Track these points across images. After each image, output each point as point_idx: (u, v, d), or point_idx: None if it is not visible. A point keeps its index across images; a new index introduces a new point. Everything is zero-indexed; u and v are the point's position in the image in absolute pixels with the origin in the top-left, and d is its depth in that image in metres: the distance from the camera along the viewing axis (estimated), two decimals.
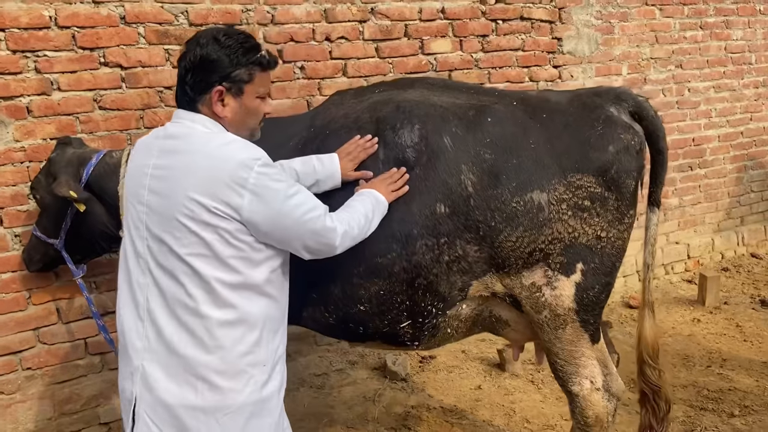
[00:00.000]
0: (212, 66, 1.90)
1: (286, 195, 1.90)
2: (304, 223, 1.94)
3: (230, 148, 1.87)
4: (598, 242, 2.40)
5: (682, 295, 5.41)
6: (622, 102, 2.49)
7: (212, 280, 1.84)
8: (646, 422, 2.68)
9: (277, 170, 1.93)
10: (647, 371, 2.65)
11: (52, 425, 3.51)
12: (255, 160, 1.85)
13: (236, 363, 1.88)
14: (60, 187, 2.73)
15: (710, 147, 5.78)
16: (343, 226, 2.06)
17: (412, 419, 3.67)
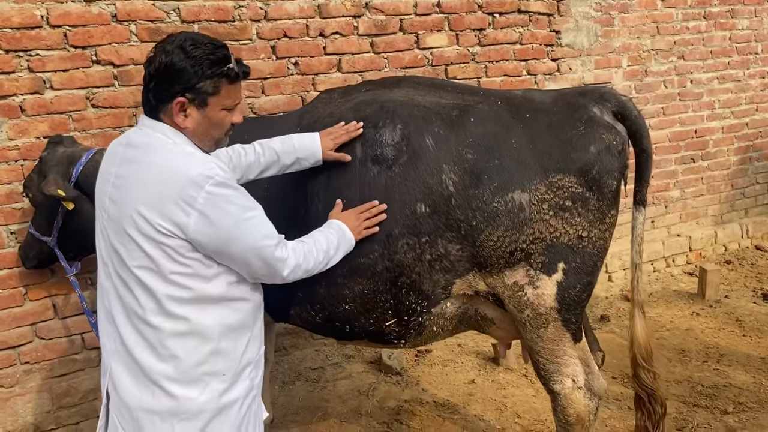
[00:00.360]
0: (176, 76, 1.83)
1: (238, 219, 1.85)
2: (254, 250, 1.89)
3: (183, 164, 1.81)
4: (579, 242, 2.40)
5: (682, 288, 5.38)
6: (606, 102, 2.48)
7: (160, 295, 1.82)
8: (641, 425, 2.68)
9: (234, 192, 1.86)
10: (642, 374, 2.64)
11: (51, 418, 3.58)
12: (207, 178, 1.79)
13: (190, 372, 1.85)
14: (48, 185, 2.76)
15: (713, 138, 5.72)
16: (297, 258, 2.02)
17: (404, 413, 3.70)
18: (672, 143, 5.52)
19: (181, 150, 1.87)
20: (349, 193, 2.46)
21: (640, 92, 5.27)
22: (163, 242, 1.79)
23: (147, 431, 1.85)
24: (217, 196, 1.80)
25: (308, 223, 2.51)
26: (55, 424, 3.59)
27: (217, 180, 1.81)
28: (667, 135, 5.48)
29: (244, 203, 1.89)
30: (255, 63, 3.78)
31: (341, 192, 2.48)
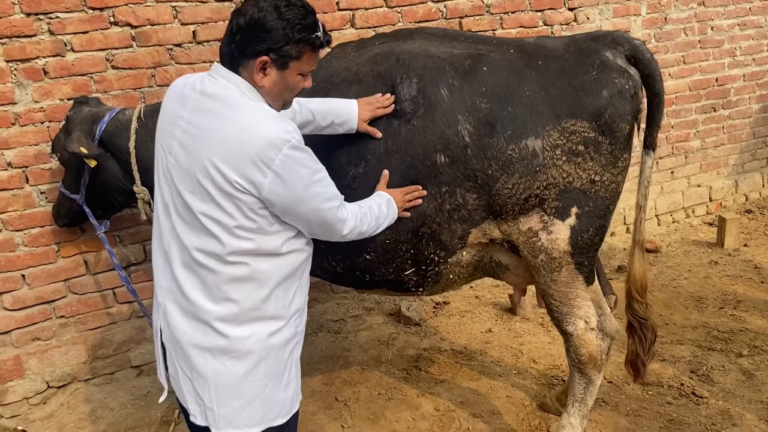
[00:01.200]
0: (265, 35, 1.82)
1: (309, 182, 1.89)
2: (319, 211, 1.95)
3: (262, 124, 1.83)
4: (592, 186, 2.45)
5: (701, 238, 5.39)
6: (618, 46, 2.49)
7: (224, 243, 1.87)
8: (633, 351, 2.79)
9: (306, 155, 1.90)
10: (635, 305, 2.76)
11: (87, 368, 3.76)
12: (285, 141, 1.82)
13: (242, 315, 1.92)
14: (71, 143, 2.85)
15: (734, 87, 5.63)
16: (355, 220, 2.11)
17: (423, 361, 3.82)
18: (692, 92, 5.45)
19: (258, 108, 1.88)
20: (372, 145, 2.52)
21: (660, 41, 5.19)
22: (237, 197, 1.83)
23: (198, 366, 1.94)
24: (292, 158, 1.84)
25: (331, 176, 2.58)
26: (91, 374, 3.77)
27: (294, 143, 1.84)
28: (687, 84, 5.41)
29: (314, 166, 1.93)
30: None
31: (365, 144, 2.54)
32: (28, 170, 3.44)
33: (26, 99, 3.36)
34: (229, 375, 1.94)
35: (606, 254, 5.11)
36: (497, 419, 3.25)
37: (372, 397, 3.50)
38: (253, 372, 1.96)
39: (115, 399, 3.65)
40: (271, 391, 2.01)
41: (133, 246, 3.77)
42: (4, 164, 3.38)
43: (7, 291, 3.49)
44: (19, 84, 3.33)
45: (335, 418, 3.36)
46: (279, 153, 1.81)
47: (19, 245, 3.49)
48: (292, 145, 1.83)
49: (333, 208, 2.00)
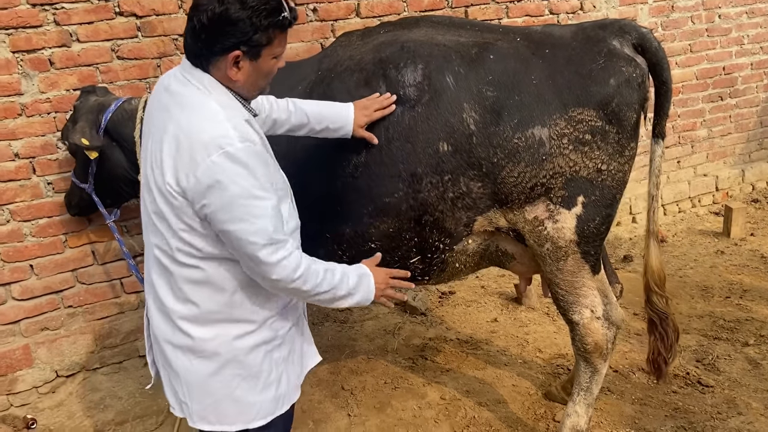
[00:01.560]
0: (232, 28, 1.71)
1: (233, 202, 1.71)
2: (239, 241, 1.75)
3: (201, 126, 1.72)
4: (598, 175, 2.44)
5: (707, 227, 5.37)
6: (626, 34, 2.47)
7: (170, 244, 1.82)
8: (654, 349, 2.75)
9: (241, 170, 1.70)
10: (654, 299, 2.71)
11: (95, 357, 3.79)
12: (218, 147, 1.68)
13: (203, 317, 1.88)
14: (74, 134, 2.87)
15: (742, 75, 5.59)
16: (295, 272, 1.83)
17: (429, 350, 3.83)
18: (699, 81, 5.42)
19: (208, 107, 1.77)
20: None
21: (667, 29, 5.16)
22: (170, 200, 1.76)
23: (171, 361, 1.94)
24: (219, 168, 1.68)
25: (333, 166, 2.59)
26: (100, 363, 3.80)
27: (228, 151, 1.69)
28: (695, 72, 5.38)
29: (247, 186, 1.72)
30: None
31: None
32: (35, 161, 3.45)
33: (32, 90, 3.37)
34: (195, 373, 1.92)
35: (612, 244, 5.10)
36: (503, 408, 3.26)
37: (378, 386, 3.52)
38: (219, 373, 1.92)
39: (123, 388, 3.68)
40: (244, 392, 1.94)
41: (140, 236, 3.75)
42: (11, 155, 3.39)
43: (16, 281, 3.52)
44: (25, 75, 3.34)
45: (342, 406, 3.38)
46: (207, 158, 1.67)
47: (27, 236, 3.50)
48: (226, 152, 1.68)
49: (257, 245, 1.74)
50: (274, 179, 1.86)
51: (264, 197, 1.76)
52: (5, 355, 3.54)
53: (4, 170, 3.39)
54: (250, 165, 1.72)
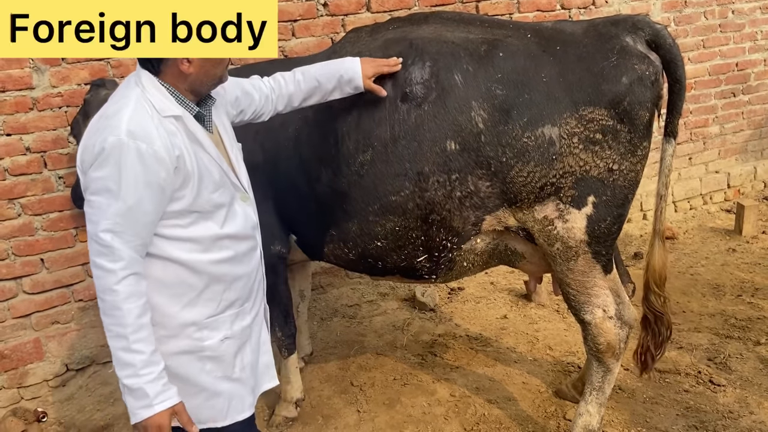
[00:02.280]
0: None
1: (92, 185, 1.75)
2: (87, 216, 1.78)
3: (109, 111, 1.82)
4: (610, 175, 2.41)
5: (719, 225, 5.33)
6: (639, 31, 2.44)
7: None
8: (645, 344, 2.76)
9: (112, 161, 1.72)
10: (652, 298, 2.71)
11: (105, 351, 3.80)
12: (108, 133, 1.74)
13: None
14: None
15: (755, 71, 5.53)
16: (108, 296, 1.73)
17: (438, 346, 3.83)
18: (712, 77, 5.36)
19: (126, 99, 1.83)
20: (379, 131, 2.50)
21: (679, 24, 5.10)
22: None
23: None
24: (100, 149, 1.74)
25: (339, 163, 2.57)
26: (110, 357, 3.76)
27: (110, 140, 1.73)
28: (707, 68, 5.32)
29: (106, 177, 1.73)
30: (285, 5, 3.79)
31: (371, 131, 2.52)
32: (46, 155, 3.47)
33: (44, 84, 3.38)
34: None
35: (622, 241, 5.07)
36: (513, 405, 3.25)
37: (387, 383, 3.52)
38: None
39: None
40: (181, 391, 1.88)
41: None
42: (22, 149, 3.41)
43: (27, 275, 3.54)
44: (36, 69, 3.35)
45: (351, 402, 3.38)
46: (98, 139, 1.74)
47: (38, 230, 3.52)
48: (110, 139, 1.73)
49: (90, 234, 1.76)
50: (164, 184, 1.79)
51: (115, 194, 1.73)
52: (16, 349, 3.57)
53: (16, 164, 3.41)
54: (122, 160, 1.73)
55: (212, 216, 1.93)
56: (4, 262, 3.47)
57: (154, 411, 1.77)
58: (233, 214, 1.99)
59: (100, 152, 1.72)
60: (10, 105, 3.33)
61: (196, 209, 1.89)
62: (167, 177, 1.79)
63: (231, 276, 2.00)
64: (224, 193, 1.96)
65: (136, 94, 1.82)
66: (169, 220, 1.85)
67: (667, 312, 2.71)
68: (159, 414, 1.77)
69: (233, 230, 1.98)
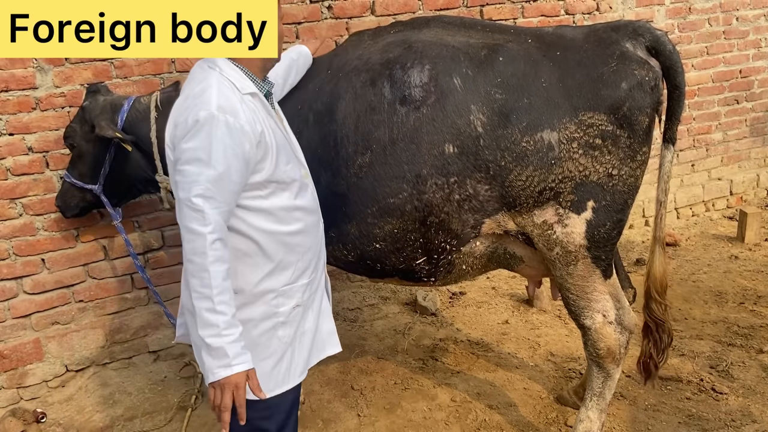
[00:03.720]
0: None
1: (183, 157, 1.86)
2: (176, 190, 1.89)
3: (181, 105, 1.94)
4: (609, 180, 2.41)
5: (721, 232, 5.31)
6: (639, 37, 2.44)
7: None
8: (647, 352, 2.75)
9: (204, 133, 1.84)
10: (653, 305, 2.69)
11: (105, 352, 3.81)
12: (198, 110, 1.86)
13: None
14: (106, 129, 2.87)
15: (758, 78, 5.52)
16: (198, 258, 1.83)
17: (439, 351, 3.82)
18: (715, 84, 5.36)
19: (201, 85, 1.93)
20: (378, 134, 2.50)
21: (683, 31, 5.10)
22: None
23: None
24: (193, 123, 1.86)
25: (338, 165, 2.57)
26: (110, 358, 3.82)
27: (183, 129, 1.86)
28: (711, 75, 5.32)
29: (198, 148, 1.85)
30: (289, 7, 3.80)
31: (370, 133, 2.52)
32: (48, 155, 3.48)
33: (47, 84, 3.39)
34: None
35: (624, 247, 5.06)
36: (514, 411, 3.24)
37: (388, 387, 3.51)
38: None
39: (133, 383, 3.70)
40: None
41: (152, 231, 3.80)
42: (25, 149, 3.42)
43: (28, 275, 3.55)
44: (40, 69, 3.36)
45: (351, 406, 3.37)
46: (190, 114, 1.86)
47: (40, 230, 3.53)
48: (182, 130, 1.87)
49: (180, 199, 1.86)
50: (248, 156, 1.90)
51: (206, 163, 1.83)
52: (16, 349, 3.57)
53: (18, 164, 3.42)
54: (212, 131, 1.85)
55: (288, 187, 2.06)
56: (5, 262, 3.48)
57: (232, 371, 1.83)
58: (304, 187, 2.14)
59: (193, 125, 1.84)
60: (13, 105, 3.35)
61: (274, 179, 2.01)
62: (251, 149, 1.90)
63: (303, 247, 2.12)
64: (294, 167, 2.11)
65: (215, 75, 1.95)
66: (250, 191, 1.96)
67: (668, 320, 2.69)
68: (237, 374, 1.84)
69: (304, 203, 2.12)
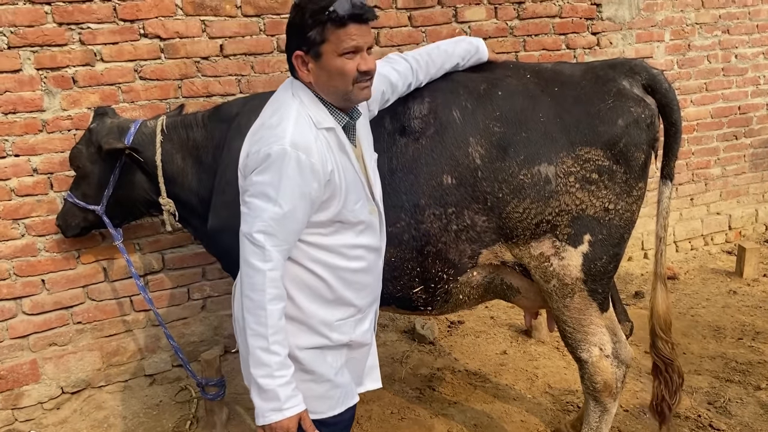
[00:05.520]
0: (291, 31, 1.93)
1: (251, 190, 1.86)
2: (243, 216, 1.88)
3: (273, 121, 1.92)
4: (605, 214, 2.44)
5: (720, 266, 5.32)
6: (636, 75, 2.49)
7: None
8: (659, 394, 2.71)
9: (268, 177, 1.83)
10: (659, 344, 2.68)
11: (101, 375, 3.80)
12: (271, 143, 1.84)
13: None
14: (114, 143, 2.92)
15: (757, 115, 5.59)
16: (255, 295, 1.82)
17: (436, 380, 3.81)
18: (714, 119, 5.42)
19: (262, 118, 1.98)
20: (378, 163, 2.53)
21: (683, 67, 5.18)
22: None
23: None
24: (264, 156, 1.84)
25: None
26: (105, 381, 3.81)
27: (274, 149, 1.83)
28: (710, 111, 5.38)
29: (266, 184, 1.84)
30: None
31: None
32: (53, 176, 3.52)
33: (54, 106, 3.45)
34: None
35: (623, 279, 5.07)
36: None
37: (385, 416, 3.49)
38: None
39: (128, 407, 3.68)
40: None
41: (153, 254, 3.82)
42: (30, 170, 3.46)
43: (27, 295, 3.56)
44: (48, 92, 3.42)
45: None
46: (263, 146, 1.85)
47: (41, 250, 3.55)
48: (274, 149, 1.83)
49: (244, 234, 1.85)
50: (314, 195, 1.88)
51: (273, 200, 1.83)
52: (12, 370, 3.57)
53: (23, 185, 3.46)
54: (283, 168, 1.82)
55: (353, 227, 2.03)
56: (5, 282, 3.50)
57: (283, 415, 1.83)
58: (370, 226, 2.10)
59: (265, 158, 1.83)
60: (20, 126, 3.40)
61: (339, 219, 1.98)
62: (318, 189, 1.88)
63: (362, 284, 2.12)
64: (364, 205, 2.07)
65: (296, 106, 1.93)
66: (313, 228, 1.95)
67: (676, 358, 2.68)
68: (288, 419, 1.84)
69: (367, 241, 2.10)
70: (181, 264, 3.89)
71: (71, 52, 3.42)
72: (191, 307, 3.98)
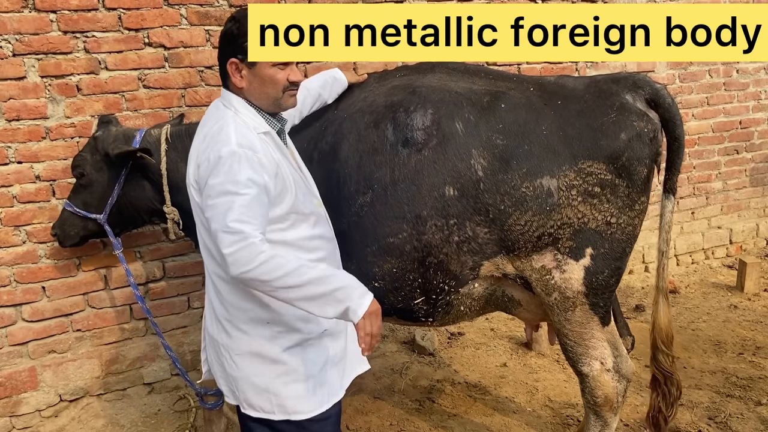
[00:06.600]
0: (226, 40, 2.07)
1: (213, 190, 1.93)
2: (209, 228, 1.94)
3: (214, 130, 2.03)
4: (607, 228, 2.44)
5: (720, 280, 5.32)
6: (639, 89, 2.50)
7: (208, 245, 2.12)
8: (656, 405, 2.72)
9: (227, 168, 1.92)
10: (660, 357, 2.69)
11: (100, 383, 3.79)
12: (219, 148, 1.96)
13: (238, 315, 2.11)
14: (124, 147, 2.92)
15: (758, 130, 5.60)
16: (256, 262, 1.84)
17: (436, 392, 3.80)
18: (715, 134, 5.43)
19: (219, 124, 2.05)
20: (379, 174, 2.54)
21: (684, 81, 5.20)
22: (194, 195, 2.08)
23: (216, 357, 2.21)
24: (215, 162, 1.95)
25: (339, 204, 2.61)
26: (104, 389, 3.80)
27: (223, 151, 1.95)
28: (711, 125, 5.40)
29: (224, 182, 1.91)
30: None
31: (372, 173, 2.56)
32: (55, 184, 3.52)
33: (58, 114, 3.46)
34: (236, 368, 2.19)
35: (624, 293, 5.06)
36: None
37: (384, 428, 3.47)
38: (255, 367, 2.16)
39: (126, 416, 3.67)
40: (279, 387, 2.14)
41: (153, 262, 3.81)
42: (32, 177, 3.46)
43: (27, 302, 3.55)
44: (52, 99, 3.43)
45: None
46: (212, 154, 1.96)
47: (42, 257, 3.55)
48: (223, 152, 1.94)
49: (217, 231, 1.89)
50: (269, 187, 1.98)
51: (235, 192, 1.90)
52: (11, 377, 3.55)
53: (25, 192, 3.46)
54: (235, 165, 1.93)
55: (307, 218, 2.15)
56: (5, 289, 3.49)
57: (371, 296, 1.96)
58: (320, 216, 2.23)
59: (216, 161, 1.94)
60: (24, 133, 3.41)
61: (294, 210, 2.10)
62: (270, 181, 1.99)
63: None
64: (310, 199, 2.20)
65: (230, 115, 2.06)
66: (271, 225, 2.03)
67: (676, 371, 2.68)
68: (373, 300, 1.96)
69: (321, 231, 2.22)
70: (181, 272, 3.88)
71: (76, 60, 3.44)
72: (191, 315, 3.97)
